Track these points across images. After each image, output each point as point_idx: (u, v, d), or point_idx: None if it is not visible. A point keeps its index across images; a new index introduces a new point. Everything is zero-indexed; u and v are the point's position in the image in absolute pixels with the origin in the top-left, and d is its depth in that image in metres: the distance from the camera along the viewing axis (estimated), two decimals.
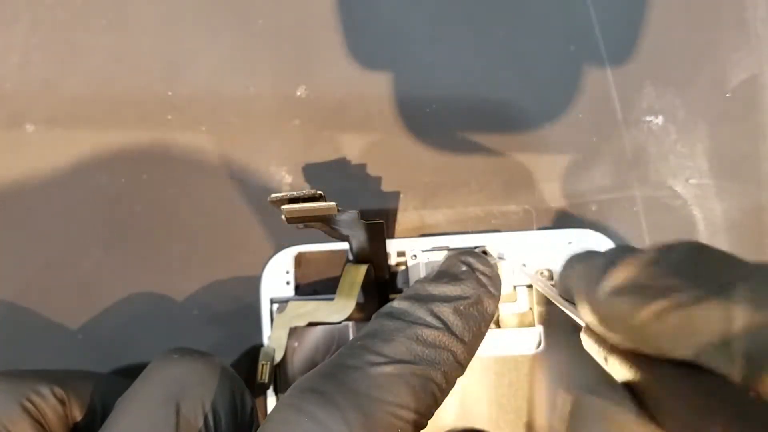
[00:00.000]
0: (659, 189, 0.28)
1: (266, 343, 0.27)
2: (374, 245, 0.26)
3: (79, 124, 0.29)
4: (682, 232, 0.28)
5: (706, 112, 0.28)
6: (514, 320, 0.27)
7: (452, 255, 0.20)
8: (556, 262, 0.27)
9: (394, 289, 0.27)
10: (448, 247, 0.27)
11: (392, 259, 0.27)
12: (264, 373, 0.25)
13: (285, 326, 0.26)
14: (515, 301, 0.27)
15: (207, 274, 0.29)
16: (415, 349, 0.17)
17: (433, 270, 0.20)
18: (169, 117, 0.29)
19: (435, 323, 0.17)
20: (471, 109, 0.29)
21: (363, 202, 0.28)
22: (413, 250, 0.27)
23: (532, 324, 0.27)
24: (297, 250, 0.27)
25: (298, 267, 0.27)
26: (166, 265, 0.29)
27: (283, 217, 0.22)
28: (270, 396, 0.26)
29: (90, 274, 0.29)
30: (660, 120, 0.28)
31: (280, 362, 0.26)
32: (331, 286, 0.27)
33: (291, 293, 0.27)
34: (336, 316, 0.26)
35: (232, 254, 0.28)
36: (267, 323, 0.27)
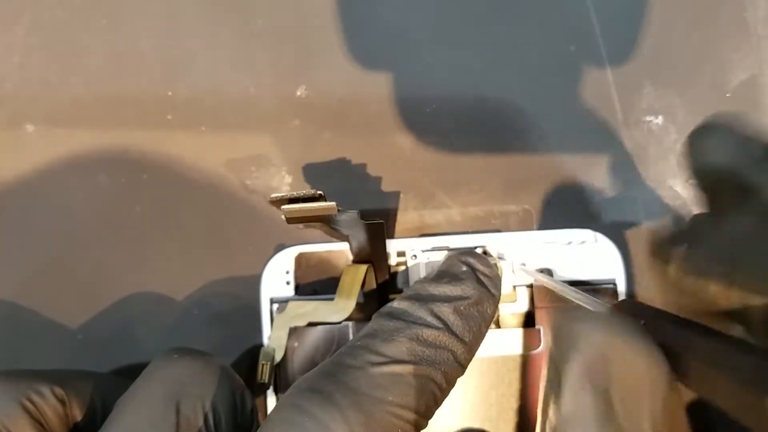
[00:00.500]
0: (659, 189, 0.28)
1: (266, 343, 0.27)
2: (374, 245, 0.26)
3: (79, 124, 0.29)
4: None
5: (706, 112, 0.28)
6: (514, 320, 0.27)
7: (452, 255, 0.20)
8: (556, 262, 0.27)
9: (394, 289, 0.27)
10: (448, 247, 0.27)
11: (392, 259, 0.27)
12: (264, 373, 0.25)
13: (285, 326, 0.26)
14: (515, 301, 0.27)
15: (207, 274, 0.29)
16: (416, 349, 0.17)
17: (433, 270, 0.20)
18: (169, 117, 0.29)
19: (435, 323, 0.17)
20: (471, 109, 0.29)
21: (363, 202, 0.28)
22: (413, 250, 0.27)
23: (532, 324, 0.27)
24: (297, 250, 0.27)
25: (298, 267, 0.27)
26: (166, 265, 0.29)
27: (283, 217, 0.22)
28: (270, 396, 0.26)
29: (90, 274, 0.29)
30: (660, 120, 0.28)
31: (280, 362, 0.26)
32: (331, 286, 0.27)
33: (291, 293, 0.27)
34: (336, 316, 0.26)
35: (232, 254, 0.28)
36: (267, 323, 0.27)
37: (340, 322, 0.26)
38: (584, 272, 0.27)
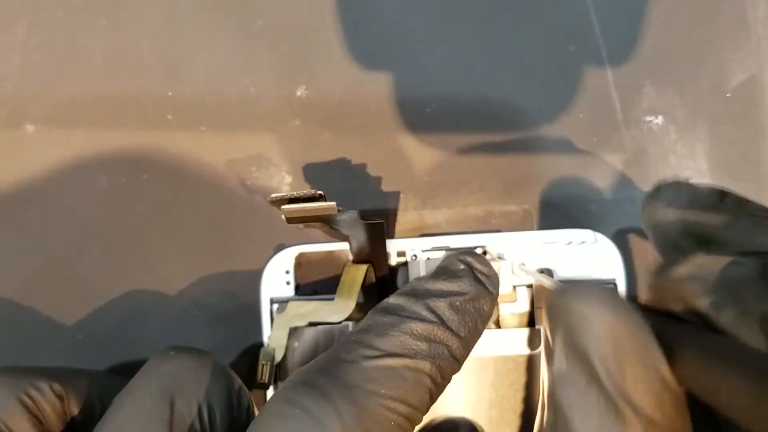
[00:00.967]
0: None
1: (266, 343, 0.27)
2: (374, 245, 0.26)
3: (79, 124, 0.29)
4: None
5: (706, 112, 0.28)
6: (514, 320, 0.27)
7: (451, 254, 0.20)
8: (556, 262, 0.27)
9: (395, 289, 0.27)
10: (448, 246, 0.27)
11: (392, 259, 0.27)
12: (264, 373, 0.25)
13: (285, 326, 0.26)
14: (515, 301, 0.27)
15: (207, 274, 0.29)
16: (410, 343, 0.17)
17: (431, 269, 0.20)
18: (169, 117, 0.29)
19: (430, 317, 0.17)
20: (471, 109, 0.29)
21: (363, 202, 0.28)
22: (413, 250, 0.27)
23: (532, 324, 0.27)
24: (297, 250, 0.27)
25: (298, 267, 0.27)
26: (166, 265, 0.29)
27: (283, 217, 0.22)
28: (270, 396, 0.26)
29: (90, 274, 0.29)
30: (660, 120, 0.28)
31: (280, 362, 0.26)
32: (331, 286, 0.27)
33: (291, 293, 0.27)
34: (336, 316, 0.26)
35: (232, 254, 0.28)
36: (267, 323, 0.27)
37: (340, 322, 0.26)
38: (584, 272, 0.27)
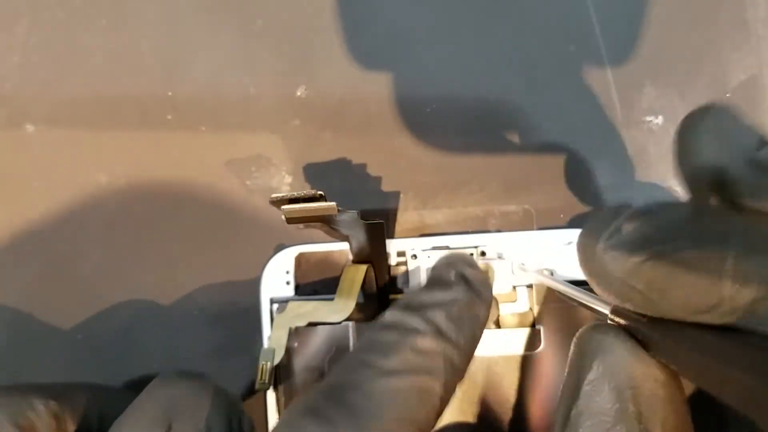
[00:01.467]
0: (659, 189, 0.28)
1: (266, 343, 0.27)
2: (374, 245, 0.26)
3: (79, 124, 0.29)
4: None
5: None
6: (514, 320, 0.27)
7: (440, 263, 0.20)
8: (556, 262, 0.27)
9: (395, 289, 0.27)
10: (448, 246, 0.27)
11: (392, 259, 0.27)
12: (264, 373, 0.25)
13: (285, 326, 0.26)
14: (515, 301, 0.27)
15: (207, 274, 0.29)
16: (412, 360, 0.17)
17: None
18: (169, 117, 0.29)
19: (429, 330, 0.17)
20: (471, 109, 0.29)
21: (363, 202, 0.28)
22: (413, 250, 0.27)
23: (532, 324, 0.27)
24: (297, 250, 0.27)
25: (298, 267, 0.27)
26: (166, 266, 0.29)
27: (283, 217, 0.22)
28: (270, 396, 0.26)
29: (90, 275, 0.29)
30: (660, 120, 0.28)
31: (281, 362, 0.26)
32: (331, 286, 0.27)
33: (291, 293, 0.27)
34: (336, 316, 0.26)
35: (232, 254, 0.28)
36: (267, 323, 0.27)
37: (340, 322, 0.26)
38: None
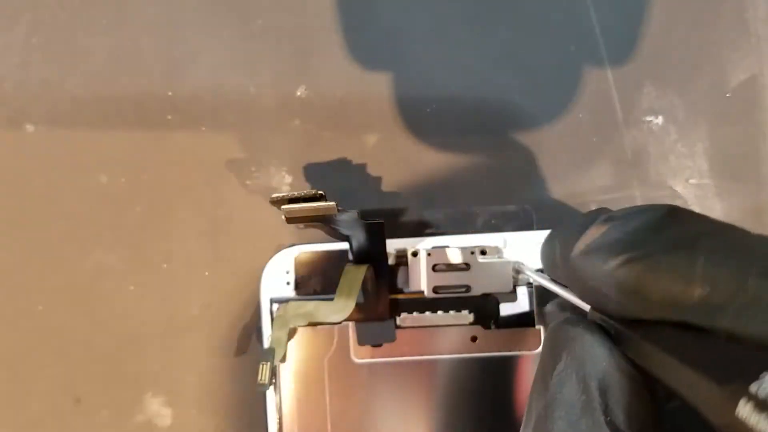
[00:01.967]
0: (659, 189, 0.28)
1: (266, 343, 0.27)
2: (374, 245, 0.26)
3: (79, 124, 0.29)
4: None
5: (706, 112, 0.28)
6: (514, 320, 0.27)
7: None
8: None
9: (395, 290, 0.27)
10: (448, 246, 0.27)
11: (392, 259, 0.27)
12: (264, 373, 0.25)
13: (285, 326, 0.26)
14: (515, 301, 0.27)
15: (207, 273, 0.29)
16: None
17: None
18: (169, 117, 0.29)
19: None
20: (471, 109, 0.29)
21: (363, 202, 0.28)
22: (413, 250, 0.27)
23: (532, 324, 0.27)
24: (297, 250, 0.27)
25: (298, 267, 0.27)
26: (166, 265, 0.29)
27: (283, 217, 0.22)
28: (270, 396, 0.26)
29: (90, 274, 0.29)
30: (660, 120, 0.28)
31: (280, 362, 0.26)
32: (331, 286, 0.27)
33: (291, 293, 0.27)
34: (336, 316, 0.26)
35: (232, 254, 0.29)
36: (267, 323, 0.27)
37: (340, 322, 0.26)
38: None
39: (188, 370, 0.28)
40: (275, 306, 0.27)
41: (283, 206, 0.22)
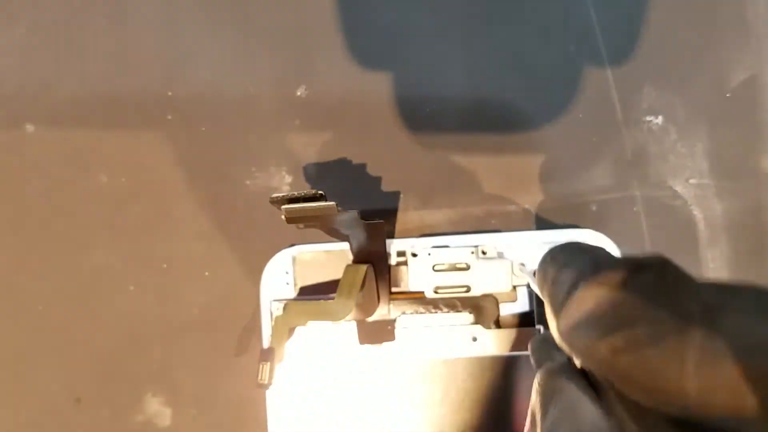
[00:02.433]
0: (659, 189, 0.28)
1: (266, 343, 0.27)
2: (374, 245, 0.26)
3: (79, 124, 0.29)
4: (682, 232, 0.28)
5: (706, 112, 0.28)
6: (514, 320, 0.27)
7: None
8: None
9: (395, 290, 0.27)
10: (448, 246, 0.27)
11: (392, 259, 0.27)
12: (264, 373, 0.25)
13: (285, 326, 0.26)
14: (515, 300, 0.27)
15: (207, 274, 0.29)
16: None
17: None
18: (169, 117, 0.29)
19: None
20: (471, 109, 0.29)
21: (363, 202, 0.28)
22: (413, 250, 0.27)
23: (531, 324, 0.27)
24: (297, 250, 0.27)
25: (298, 267, 0.27)
26: (166, 265, 0.29)
27: (283, 217, 0.22)
28: (270, 396, 0.26)
29: (90, 274, 0.29)
30: (660, 120, 0.28)
31: (280, 362, 0.26)
32: (331, 286, 0.27)
33: (291, 293, 0.27)
34: (336, 316, 0.26)
35: (232, 254, 0.29)
36: (267, 323, 0.27)
37: (340, 322, 0.26)
38: None
39: (188, 370, 0.28)
40: (275, 306, 0.27)
41: (283, 206, 0.22)
